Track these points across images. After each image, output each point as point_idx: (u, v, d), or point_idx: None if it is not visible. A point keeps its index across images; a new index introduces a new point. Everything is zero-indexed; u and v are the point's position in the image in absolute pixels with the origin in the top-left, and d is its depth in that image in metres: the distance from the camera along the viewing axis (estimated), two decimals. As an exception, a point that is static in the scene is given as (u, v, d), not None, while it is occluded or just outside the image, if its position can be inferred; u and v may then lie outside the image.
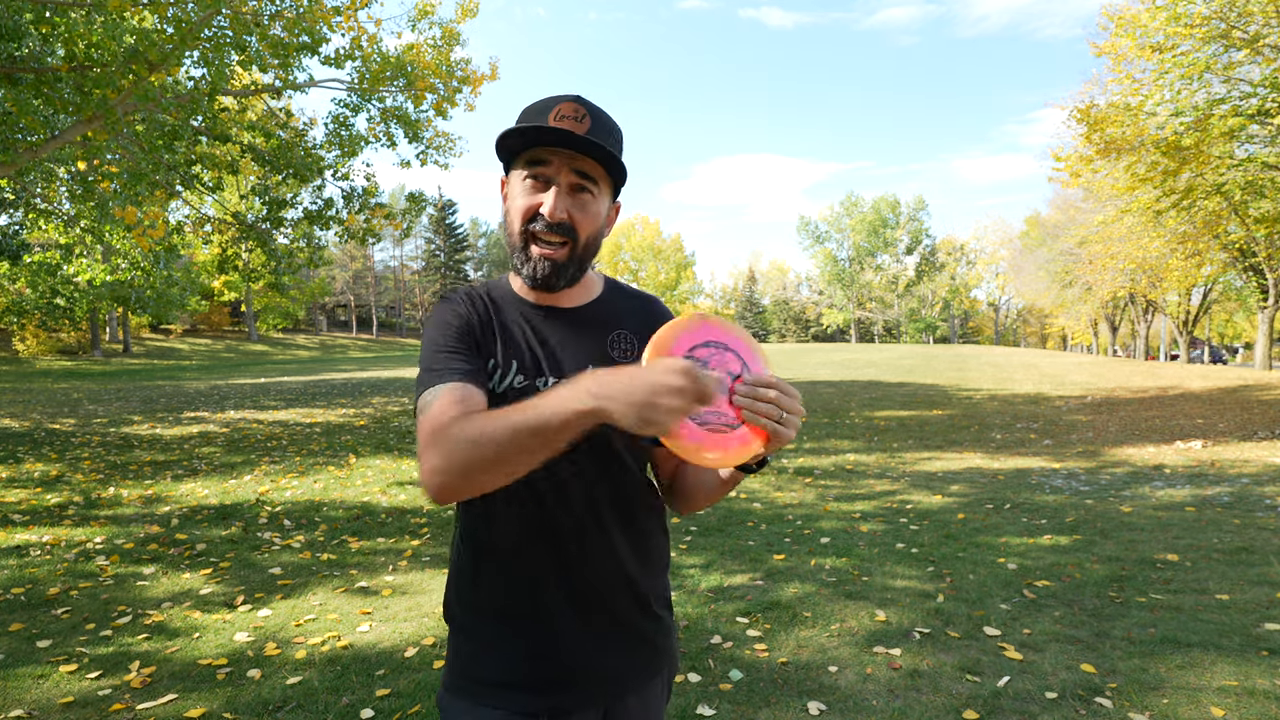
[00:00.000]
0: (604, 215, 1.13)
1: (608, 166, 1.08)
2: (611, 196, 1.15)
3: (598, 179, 1.08)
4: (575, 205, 1.07)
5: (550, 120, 1.05)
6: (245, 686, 2.89)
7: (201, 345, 40.73)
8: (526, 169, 1.07)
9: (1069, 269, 30.87)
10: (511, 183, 1.11)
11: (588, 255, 1.12)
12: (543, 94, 1.18)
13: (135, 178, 8.89)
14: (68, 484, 6.67)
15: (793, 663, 3.04)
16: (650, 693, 1.19)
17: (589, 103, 1.08)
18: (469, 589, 1.15)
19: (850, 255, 66.97)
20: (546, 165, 1.06)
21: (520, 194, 1.08)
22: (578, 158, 1.05)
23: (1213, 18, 9.48)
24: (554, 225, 1.06)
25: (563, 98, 1.07)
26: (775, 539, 4.92)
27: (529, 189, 1.07)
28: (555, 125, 1.04)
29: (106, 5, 6.81)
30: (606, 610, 1.13)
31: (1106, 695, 2.72)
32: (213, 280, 29.91)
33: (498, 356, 1.12)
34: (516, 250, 1.10)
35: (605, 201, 1.12)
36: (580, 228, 1.08)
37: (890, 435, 9.83)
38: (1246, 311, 39.73)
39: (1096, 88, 12.08)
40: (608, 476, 1.13)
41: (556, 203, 1.05)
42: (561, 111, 1.05)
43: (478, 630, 1.14)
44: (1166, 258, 17.87)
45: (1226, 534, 4.87)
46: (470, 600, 1.15)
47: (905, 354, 29.97)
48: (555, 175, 1.06)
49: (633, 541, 1.16)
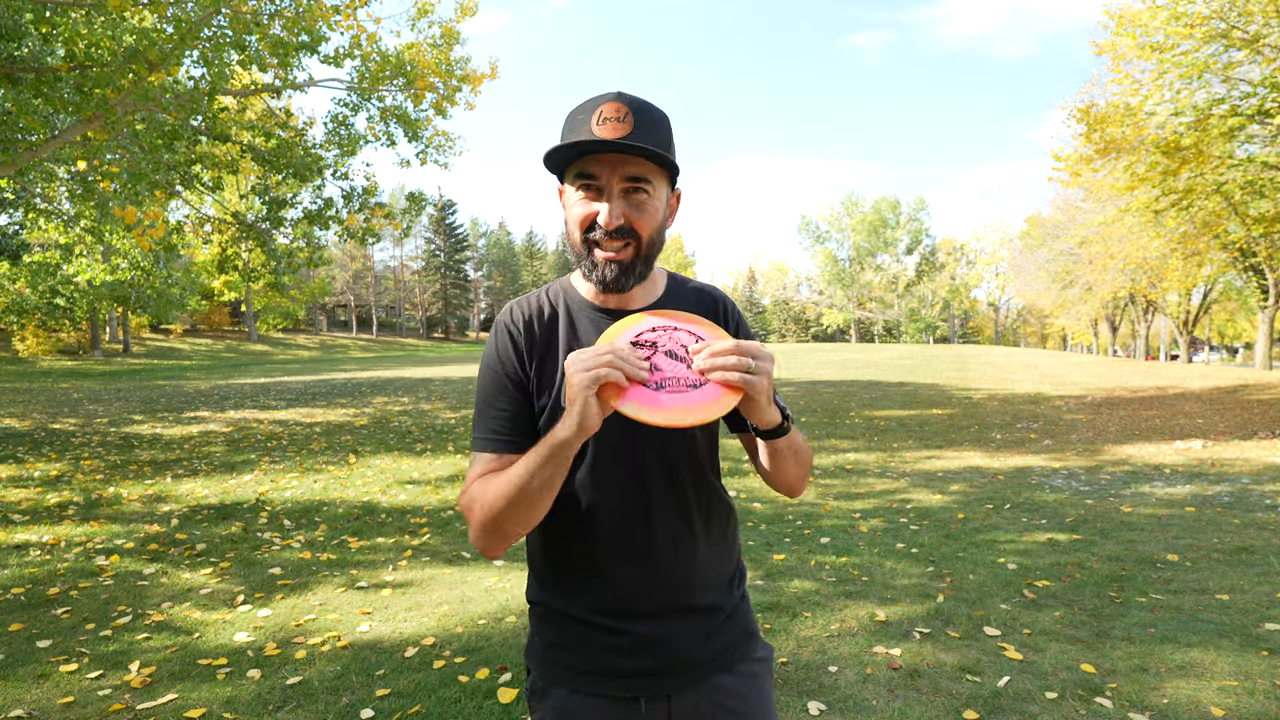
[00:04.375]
0: (664, 209, 1.12)
1: (658, 161, 1.06)
2: (670, 186, 1.13)
3: (650, 176, 1.07)
4: (632, 207, 1.06)
5: (594, 124, 1.03)
6: (245, 686, 2.89)
7: (202, 345, 40.72)
8: (577, 180, 1.07)
9: (1069, 269, 30.84)
10: (566, 194, 1.12)
11: (653, 252, 1.12)
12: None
13: (135, 178, 8.88)
14: (68, 484, 6.67)
15: (793, 663, 3.04)
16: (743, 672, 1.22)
17: (631, 99, 1.06)
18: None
19: (850, 255, 66.96)
20: (595, 176, 1.05)
21: (575, 204, 1.08)
22: (626, 161, 1.05)
23: (1213, 17, 9.47)
24: (612, 233, 1.06)
25: (604, 98, 1.06)
26: (775, 538, 4.92)
27: (582, 199, 1.07)
28: (598, 129, 1.03)
29: (106, 5, 6.81)
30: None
31: (1106, 695, 2.72)
32: (213, 280, 29.88)
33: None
34: (582, 258, 1.10)
35: (663, 195, 1.11)
36: (640, 228, 1.07)
37: (890, 435, 9.83)
38: (1247, 311, 39.74)
39: (1096, 87, 12.09)
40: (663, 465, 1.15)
41: (612, 211, 1.05)
42: (604, 113, 1.03)
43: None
44: (1166, 258, 17.86)
45: (1226, 534, 4.87)
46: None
47: (905, 354, 29.96)
48: (606, 183, 1.05)
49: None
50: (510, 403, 1.12)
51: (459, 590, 3.98)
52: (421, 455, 8.21)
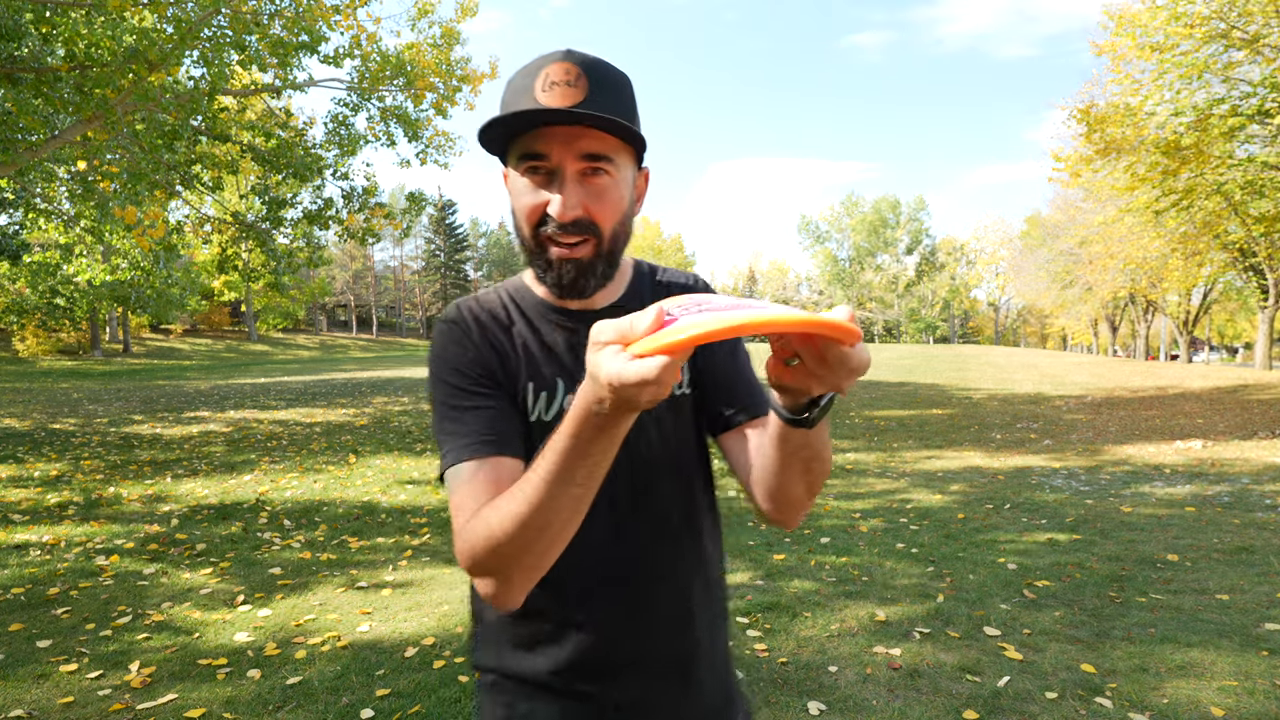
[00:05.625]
0: (629, 193, 0.92)
1: (620, 133, 0.86)
2: (636, 164, 0.93)
3: (611, 153, 0.87)
4: (590, 195, 0.87)
5: (538, 90, 0.84)
6: (245, 686, 2.89)
7: (202, 345, 40.72)
8: (522, 163, 0.87)
9: (1069, 269, 30.86)
10: (511, 179, 0.91)
11: (618, 245, 0.92)
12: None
13: (135, 178, 8.89)
14: (68, 484, 6.67)
15: (793, 663, 3.04)
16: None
17: (583, 57, 0.86)
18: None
19: (850, 255, 66.99)
20: (544, 156, 0.85)
21: (522, 191, 0.88)
22: (580, 136, 0.85)
23: (1213, 17, 9.48)
24: (568, 226, 0.87)
25: (550, 57, 0.86)
26: (775, 538, 4.92)
27: (530, 186, 0.88)
28: (544, 97, 0.84)
29: (106, 5, 6.81)
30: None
31: (1106, 695, 2.72)
32: (213, 280, 29.88)
33: (535, 379, 0.95)
34: (534, 256, 0.91)
35: (628, 175, 0.91)
36: (601, 218, 0.88)
37: (890, 435, 9.83)
38: (1247, 311, 39.74)
39: (1096, 88, 12.09)
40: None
41: (566, 200, 0.85)
42: (550, 77, 0.84)
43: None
44: (1166, 258, 17.88)
45: (1226, 534, 4.87)
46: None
47: (905, 354, 29.96)
48: (558, 165, 0.86)
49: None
50: (489, 399, 0.91)
51: (459, 590, 3.98)
52: (421, 455, 8.21)
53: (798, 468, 0.82)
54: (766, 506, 0.91)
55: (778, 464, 0.83)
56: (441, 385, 0.92)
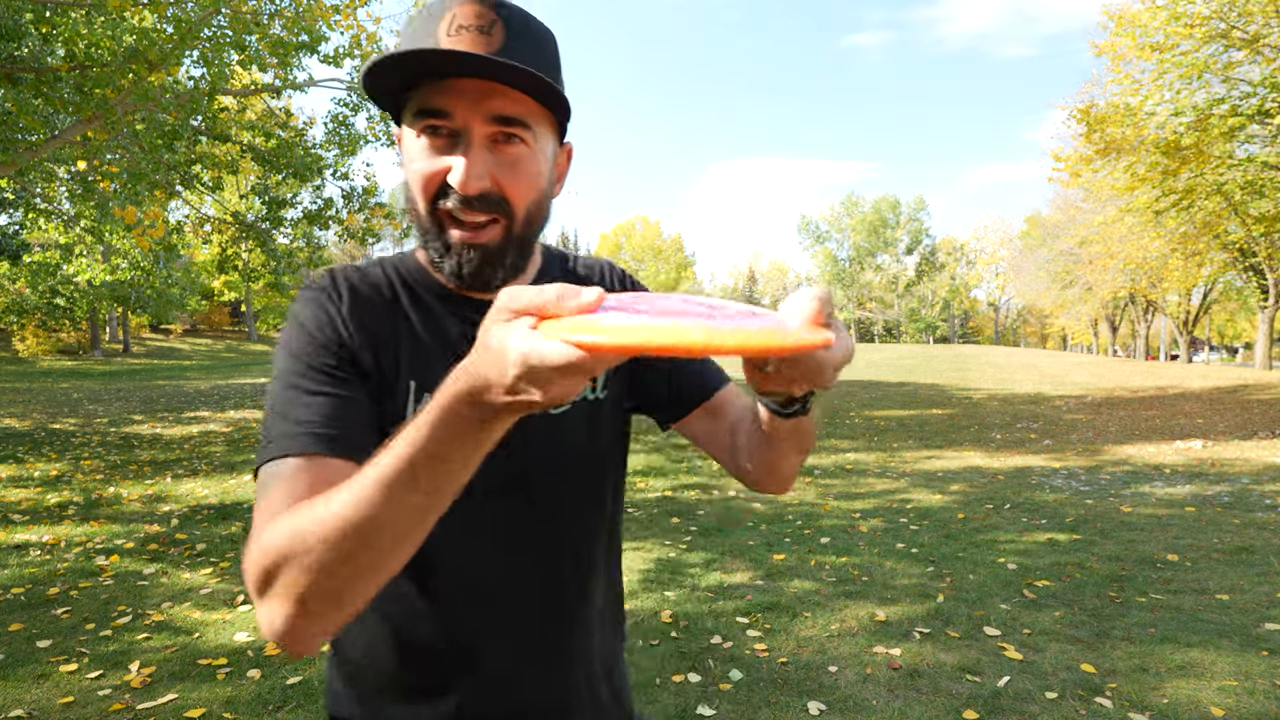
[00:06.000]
0: (549, 169, 0.76)
1: (541, 96, 0.71)
2: (558, 138, 0.78)
3: (529, 118, 0.71)
4: (502, 165, 0.71)
5: (442, 34, 0.69)
6: (245, 686, 2.89)
7: (202, 345, 40.73)
8: (419, 120, 0.71)
9: (1069, 269, 30.88)
10: (405, 141, 0.75)
11: (532, 231, 0.76)
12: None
13: (135, 178, 8.89)
14: (68, 484, 6.67)
15: (793, 663, 3.04)
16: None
17: (500, 1, 0.71)
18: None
19: (850, 255, 67.02)
20: (447, 114, 0.70)
21: (418, 156, 0.72)
22: (492, 93, 0.69)
23: (1213, 17, 9.49)
24: (472, 200, 0.71)
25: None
26: (775, 538, 4.92)
27: (427, 150, 0.72)
28: (449, 39, 0.68)
29: (106, 5, 6.81)
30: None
31: (1106, 695, 2.73)
32: (213, 280, 29.93)
33: (419, 377, 0.77)
34: (429, 236, 0.74)
35: (548, 148, 0.76)
36: (514, 194, 0.72)
37: (890, 435, 9.84)
38: (1247, 311, 39.75)
39: (1096, 88, 12.10)
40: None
41: (471, 168, 0.69)
42: (458, 19, 0.69)
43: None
44: (1166, 258, 17.89)
45: (1226, 534, 4.87)
46: None
47: (905, 354, 29.96)
48: (463, 125, 0.70)
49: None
50: (343, 387, 0.71)
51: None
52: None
53: (792, 446, 0.78)
54: (757, 480, 0.86)
55: (770, 447, 0.78)
56: (289, 359, 0.73)
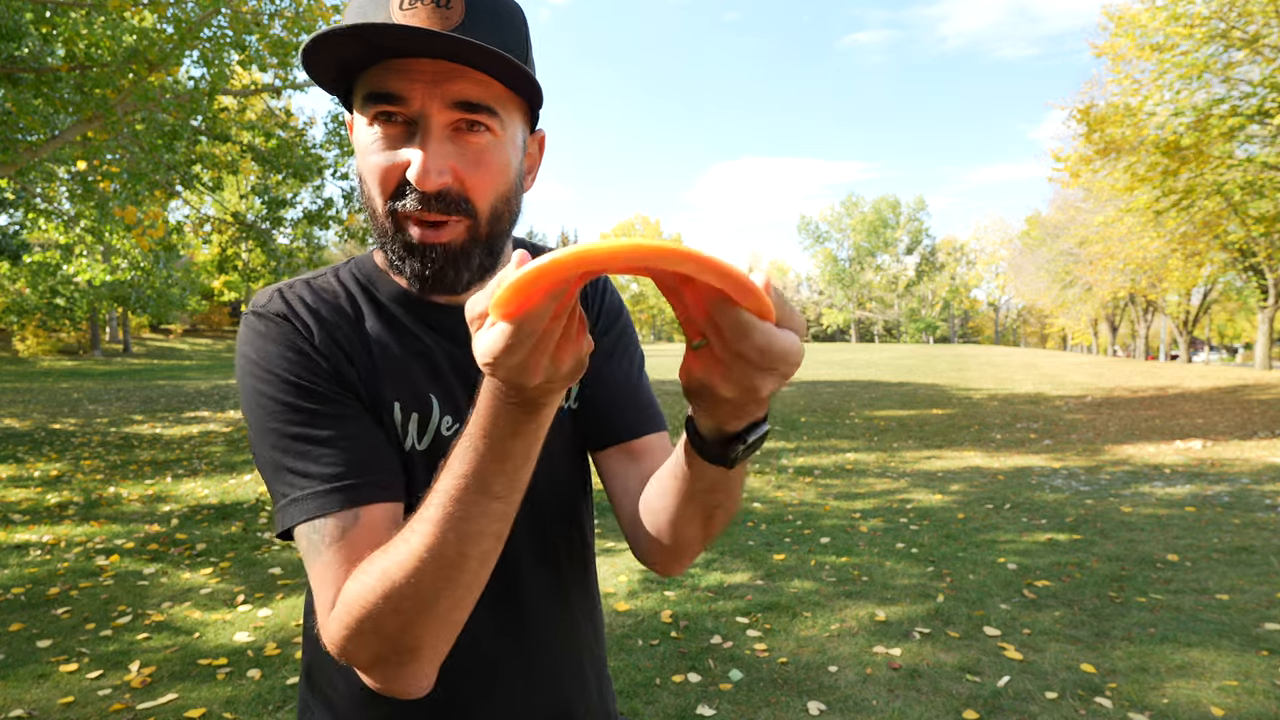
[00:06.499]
0: (518, 160, 0.69)
1: (508, 79, 0.63)
2: (528, 125, 0.71)
3: (494, 103, 0.64)
4: (464, 157, 0.64)
5: (394, 9, 0.61)
6: (245, 686, 2.89)
7: (202, 345, 40.73)
8: (370, 106, 0.63)
9: (1069, 269, 30.88)
10: (357, 130, 0.67)
11: (500, 229, 0.69)
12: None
13: (135, 178, 8.89)
14: (68, 484, 6.67)
15: (793, 662, 3.04)
16: None
17: None
18: None
19: (850, 255, 67.04)
20: (402, 99, 0.62)
21: (371, 149, 0.64)
22: (452, 75, 0.61)
23: (1212, 18, 9.49)
24: (433, 198, 0.63)
25: None
26: (775, 538, 4.92)
27: (381, 140, 0.64)
28: (402, 15, 0.60)
29: (106, 5, 6.82)
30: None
31: (1106, 695, 2.73)
32: (213, 280, 29.92)
33: (402, 397, 0.72)
34: (386, 237, 0.67)
35: (516, 137, 0.68)
36: (477, 191, 0.65)
37: (890, 435, 9.83)
38: (1246, 311, 39.73)
39: (1096, 88, 12.11)
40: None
41: (429, 162, 0.62)
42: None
43: None
44: (1166, 258, 17.87)
45: (1226, 534, 4.87)
46: None
47: (905, 354, 29.97)
48: (420, 112, 0.62)
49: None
50: (348, 422, 0.66)
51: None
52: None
53: (699, 510, 0.65)
54: (647, 544, 0.73)
55: (676, 499, 0.65)
56: (273, 406, 0.65)
